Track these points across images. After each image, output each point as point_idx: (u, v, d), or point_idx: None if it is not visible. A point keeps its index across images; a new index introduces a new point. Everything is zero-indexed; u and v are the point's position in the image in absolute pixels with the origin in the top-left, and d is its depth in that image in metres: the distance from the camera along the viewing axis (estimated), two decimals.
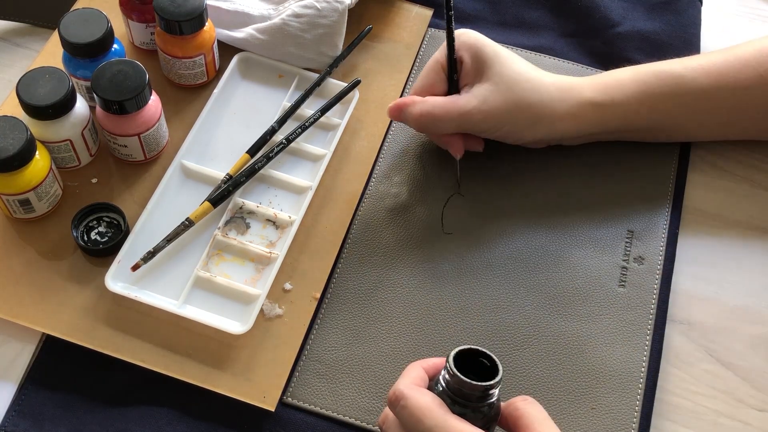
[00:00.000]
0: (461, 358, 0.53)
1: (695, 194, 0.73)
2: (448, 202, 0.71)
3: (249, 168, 0.70)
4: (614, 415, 0.62)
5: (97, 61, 0.69)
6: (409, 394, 0.52)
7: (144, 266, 0.65)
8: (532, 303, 0.67)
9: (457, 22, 0.82)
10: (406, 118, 0.69)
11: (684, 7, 0.83)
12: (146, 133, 0.69)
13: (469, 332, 0.65)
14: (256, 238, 0.68)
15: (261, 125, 0.73)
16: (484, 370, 0.53)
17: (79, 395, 0.62)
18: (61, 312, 0.64)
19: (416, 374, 0.55)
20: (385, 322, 0.66)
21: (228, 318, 0.64)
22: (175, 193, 0.70)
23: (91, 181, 0.71)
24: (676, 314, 0.68)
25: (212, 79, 0.76)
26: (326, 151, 0.72)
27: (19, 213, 0.67)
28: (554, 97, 0.68)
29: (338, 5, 0.75)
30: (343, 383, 0.63)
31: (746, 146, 0.75)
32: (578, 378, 0.64)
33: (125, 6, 0.74)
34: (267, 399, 0.62)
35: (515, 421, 0.53)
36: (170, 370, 0.62)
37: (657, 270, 0.69)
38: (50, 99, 0.65)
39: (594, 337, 0.65)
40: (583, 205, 0.72)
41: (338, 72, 0.77)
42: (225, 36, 0.77)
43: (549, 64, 0.79)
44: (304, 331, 0.65)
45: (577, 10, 0.83)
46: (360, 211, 0.71)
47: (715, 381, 0.65)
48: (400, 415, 0.53)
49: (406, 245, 0.69)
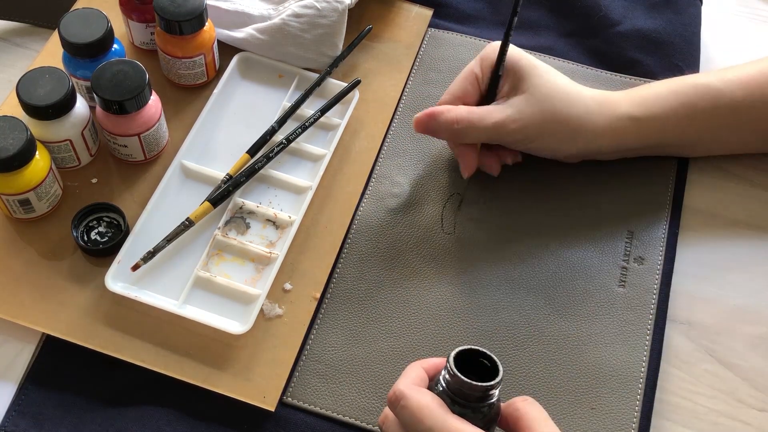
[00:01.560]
0: (462, 359, 0.53)
1: (695, 194, 0.73)
2: (448, 202, 0.71)
3: (249, 168, 0.70)
4: (614, 415, 0.62)
5: (97, 61, 0.69)
6: (410, 394, 0.52)
7: (144, 266, 0.65)
8: (532, 303, 0.67)
9: (457, 22, 0.82)
10: (438, 126, 0.68)
11: (684, 6, 0.82)
12: (146, 133, 0.69)
13: (468, 332, 0.65)
14: (256, 238, 0.68)
15: (261, 125, 0.73)
16: (484, 371, 0.53)
17: (79, 395, 0.62)
18: (61, 312, 0.64)
19: (416, 374, 0.55)
20: (385, 322, 0.66)
21: (228, 318, 0.64)
22: (175, 193, 0.70)
23: (91, 181, 0.71)
24: (676, 314, 0.68)
25: (212, 79, 0.76)
26: (326, 151, 0.72)
27: (19, 213, 0.67)
28: (592, 111, 0.68)
29: (338, 5, 0.75)
30: (343, 383, 0.63)
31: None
32: (578, 378, 0.64)
33: (125, 6, 0.74)
34: (267, 399, 0.62)
35: (515, 422, 0.53)
36: (170, 370, 0.62)
37: (657, 270, 0.69)
38: (50, 99, 0.65)
39: (594, 337, 0.65)
40: (583, 205, 0.72)
41: (338, 72, 0.77)
42: (225, 36, 0.77)
43: (549, 63, 0.79)
44: (304, 331, 0.65)
45: (577, 9, 0.83)
46: (360, 211, 0.71)
47: (715, 381, 0.65)
48: (400, 415, 0.53)
49: (406, 245, 0.69)
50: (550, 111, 0.67)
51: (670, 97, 0.69)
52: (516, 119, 0.66)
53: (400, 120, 0.76)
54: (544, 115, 0.67)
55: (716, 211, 0.73)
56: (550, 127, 0.67)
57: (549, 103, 0.67)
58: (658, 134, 0.70)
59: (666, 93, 0.69)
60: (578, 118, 0.67)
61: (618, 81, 0.78)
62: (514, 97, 0.67)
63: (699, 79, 0.70)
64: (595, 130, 0.68)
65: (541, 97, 0.67)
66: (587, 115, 0.68)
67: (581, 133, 0.68)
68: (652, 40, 0.80)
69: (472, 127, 0.67)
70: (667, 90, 0.70)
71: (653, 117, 0.69)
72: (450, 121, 0.67)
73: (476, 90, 0.69)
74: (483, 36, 0.81)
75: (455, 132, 0.68)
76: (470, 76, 0.69)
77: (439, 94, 0.77)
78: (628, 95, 0.70)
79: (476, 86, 0.69)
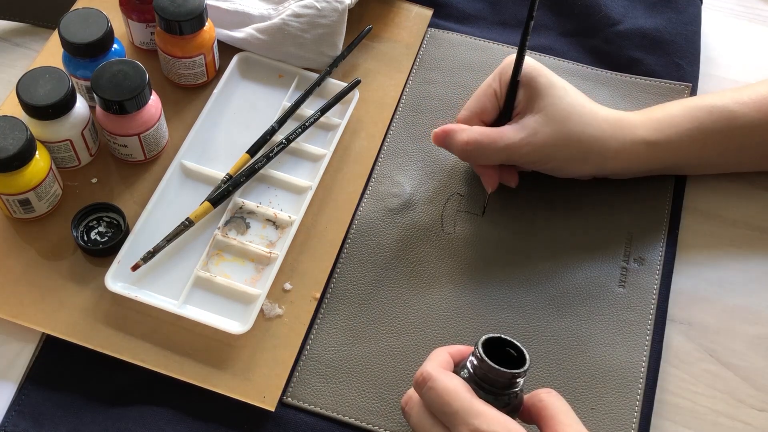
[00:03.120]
0: (489, 346, 0.54)
1: (695, 194, 0.73)
2: (448, 202, 0.71)
3: (249, 168, 0.70)
4: (614, 415, 0.62)
5: (97, 61, 0.69)
6: (437, 377, 0.53)
7: (144, 266, 0.65)
8: (532, 303, 0.67)
9: (457, 22, 0.82)
10: (450, 145, 0.68)
11: (684, 5, 0.82)
12: (146, 133, 0.69)
13: (469, 332, 0.65)
14: (256, 238, 0.68)
15: (261, 125, 0.73)
16: (509, 360, 0.54)
17: (79, 395, 0.62)
18: (61, 312, 0.64)
19: (443, 358, 0.56)
20: (385, 322, 0.66)
21: (228, 318, 0.65)
22: (175, 193, 0.70)
23: (91, 181, 0.71)
24: (676, 314, 0.68)
25: (212, 79, 0.76)
26: (326, 151, 0.72)
27: (19, 213, 0.67)
28: (606, 134, 0.67)
29: (338, 5, 0.75)
30: (343, 383, 0.63)
31: None
32: (578, 378, 0.64)
33: (125, 6, 0.74)
34: (267, 399, 0.62)
35: (539, 412, 0.54)
36: (170, 370, 0.62)
37: (657, 270, 0.69)
38: (50, 99, 0.65)
39: (594, 337, 0.65)
40: (583, 205, 0.72)
41: (338, 72, 0.77)
42: (225, 36, 0.77)
43: (549, 64, 0.79)
44: (304, 331, 0.65)
45: (577, 9, 0.83)
46: (360, 211, 0.71)
47: (715, 381, 0.65)
48: (426, 397, 0.54)
49: (406, 245, 0.69)
50: (564, 132, 0.66)
51: (684, 122, 0.68)
52: (529, 141, 0.66)
53: (400, 120, 0.76)
54: (557, 136, 0.66)
55: (716, 211, 0.73)
56: (564, 148, 0.66)
57: (564, 125, 0.66)
58: (671, 157, 0.69)
59: (680, 116, 0.68)
60: (592, 140, 0.66)
61: (618, 80, 0.78)
62: (528, 116, 0.66)
63: (713, 101, 0.69)
64: (608, 152, 0.67)
65: (557, 118, 0.66)
66: (602, 137, 0.67)
67: (593, 154, 0.67)
68: (652, 39, 0.80)
69: (483, 149, 0.66)
70: (682, 113, 0.69)
71: (668, 141, 0.68)
72: (462, 142, 0.66)
73: (494, 106, 0.68)
74: (483, 36, 0.81)
75: (467, 153, 0.67)
76: (489, 90, 0.68)
77: (439, 94, 0.77)
78: (643, 118, 0.69)
79: (494, 102, 0.68)
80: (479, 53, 0.80)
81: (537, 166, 0.69)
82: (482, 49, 0.80)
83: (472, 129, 0.67)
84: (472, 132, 0.66)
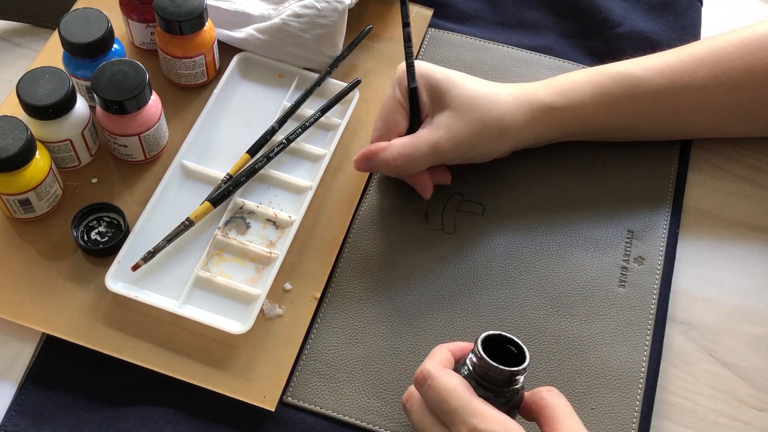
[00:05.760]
0: (489, 344, 0.54)
1: (695, 194, 0.73)
2: (448, 202, 0.71)
3: (249, 168, 0.70)
4: (614, 415, 0.62)
5: (97, 61, 0.69)
6: (437, 375, 0.54)
7: (144, 266, 0.65)
8: (532, 303, 0.67)
9: (457, 22, 0.82)
10: (377, 166, 0.67)
11: (684, 8, 0.83)
12: (146, 133, 0.69)
13: (469, 332, 0.65)
14: (256, 238, 0.68)
15: (261, 125, 0.73)
16: (510, 358, 0.54)
17: (79, 395, 0.62)
18: (61, 312, 0.64)
19: (443, 356, 0.56)
20: (385, 322, 0.66)
21: (228, 318, 0.64)
22: (175, 193, 0.70)
23: (91, 181, 0.71)
24: (676, 314, 0.68)
25: (212, 79, 0.76)
26: (326, 151, 0.72)
27: (19, 213, 0.67)
28: (512, 106, 0.68)
29: (338, 5, 0.75)
30: (343, 383, 0.63)
31: (746, 146, 0.75)
32: (578, 378, 0.64)
33: (125, 6, 0.74)
34: (267, 399, 0.62)
35: (539, 410, 0.54)
36: (170, 370, 0.62)
37: (657, 270, 0.69)
38: (50, 99, 0.65)
39: (594, 337, 0.65)
40: (583, 205, 0.72)
41: (338, 72, 0.77)
42: (225, 36, 0.77)
43: (549, 64, 0.80)
44: (304, 331, 0.65)
45: (577, 10, 0.83)
46: (360, 211, 0.71)
47: (715, 381, 0.65)
48: (426, 394, 0.54)
49: (406, 245, 0.69)
50: (476, 118, 0.67)
51: (587, 87, 0.69)
52: (449, 137, 0.66)
53: None
54: (472, 124, 0.67)
55: (716, 211, 0.73)
56: (480, 134, 0.67)
57: (473, 112, 0.67)
58: (578, 122, 0.70)
59: (584, 82, 0.70)
60: (502, 118, 0.67)
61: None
62: (438, 115, 0.67)
63: (617, 68, 0.70)
64: (519, 124, 0.68)
65: (465, 108, 0.66)
66: (509, 113, 0.68)
67: (507, 131, 0.68)
68: (652, 41, 0.80)
69: (410, 159, 0.66)
70: (585, 79, 0.70)
71: (572, 106, 0.69)
72: (388, 160, 0.66)
73: (404, 116, 0.68)
74: (483, 36, 0.81)
75: (397, 168, 0.67)
76: (393, 104, 0.68)
77: None
78: (546, 85, 0.70)
79: (403, 112, 0.68)
80: (479, 53, 0.80)
81: (461, 158, 0.69)
82: (482, 49, 0.80)
83: (393, 144, 0.66)
84: (394, 147, 0.66)
